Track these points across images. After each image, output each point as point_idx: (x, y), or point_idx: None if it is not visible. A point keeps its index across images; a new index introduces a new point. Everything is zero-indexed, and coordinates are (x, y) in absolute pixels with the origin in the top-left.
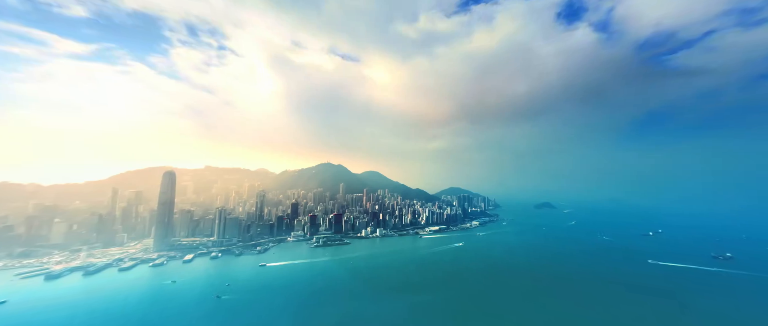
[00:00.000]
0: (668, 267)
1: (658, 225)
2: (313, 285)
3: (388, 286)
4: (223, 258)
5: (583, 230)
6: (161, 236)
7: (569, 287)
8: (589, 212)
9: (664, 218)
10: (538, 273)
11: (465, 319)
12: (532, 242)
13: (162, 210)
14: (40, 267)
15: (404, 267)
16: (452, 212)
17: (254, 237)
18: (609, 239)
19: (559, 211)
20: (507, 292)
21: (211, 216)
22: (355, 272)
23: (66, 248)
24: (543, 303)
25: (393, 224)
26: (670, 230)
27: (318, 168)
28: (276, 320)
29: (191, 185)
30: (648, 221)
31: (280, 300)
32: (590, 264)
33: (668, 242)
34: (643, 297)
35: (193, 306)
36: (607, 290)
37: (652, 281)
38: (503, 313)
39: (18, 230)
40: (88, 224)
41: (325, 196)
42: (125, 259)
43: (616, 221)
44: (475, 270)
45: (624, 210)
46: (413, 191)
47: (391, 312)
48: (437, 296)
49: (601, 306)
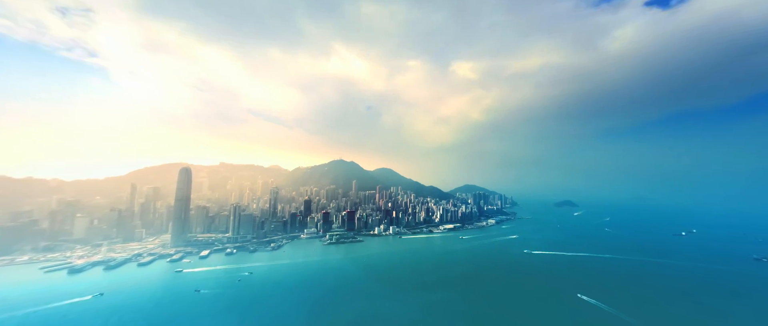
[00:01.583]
0: (706, 269)
1: (692, 225)
2: (327, 282)
3: (402, 285)
4: (238, 254)
5: (590, 223)
6: (178, 232)
7: (597, 290)
8: (610, 211)
9: (697, 217)
10: (560, 275)
11: (482, 320)
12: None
13: (179, 206)
14: (63, 261)
15: (419, 265)
16: (467, 210)
17: (268, 234)
18: (610, 231)
19: (581, 209)
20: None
21: (226, 213)
22: (369, 270)
23: (88, 242)
24: (570, 308)
25: (406, 222)
26: (705, 230)
27: (330, 165)
28: (291, 317)
29: (206, 181)
30: (679, 220)
31: (294, 296)
32: (615, 264)
33: (703, 242)
34: (678, 300)
35: (208, 303)
36: (644, 294)
37: (687, 283)
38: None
39: (42, 225)
40: (108, 219)
41: (338, 193)
42: (144, 254)
43: (644, 220)
44: (491, 269)
45: (652, 209)
46: (427, 188)
47: (407, 311)
48: (453, 295)
49: (636, 310)
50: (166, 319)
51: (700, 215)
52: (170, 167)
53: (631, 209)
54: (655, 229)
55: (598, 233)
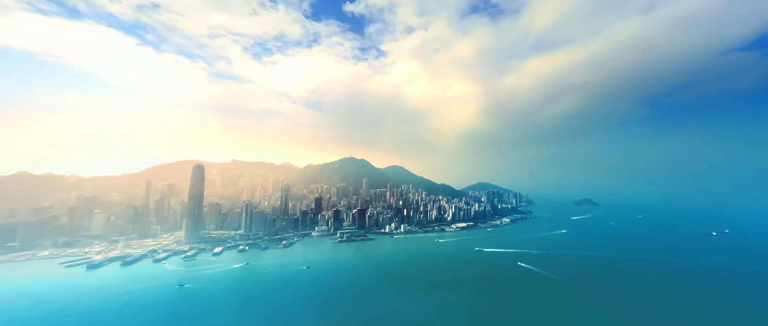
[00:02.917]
0: (740, 271)
1: (723, 225)
2: (339, 281)
3: (415, 284)
4: (250, 251)
5: (607, 224)
6: (192, 229)
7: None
8: (638, 210)
9: (729, 217)
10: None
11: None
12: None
13: (192, 203)
14: (82, 257)
15: (431, 264)
16: (480, 209)
17: (279, 231)
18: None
19: (601, 207)
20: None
21: (238, 210)
22: (380, 268)
23: (105, 238)
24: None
25: (418, 220)
26: (739, 231)
27: (341, 163)
28: (303, 315)
29: (219, 178)
30: (710, 219)
31: (307, 293)
32: (638, 266)
33: (736, 244)
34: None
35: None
36: (663, 297)
37: (719, 289)
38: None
39: (62, 221)
40: (124, 215)
41: (349, 191)
42: (159, 250)
43: (669, 219)
44: (505, 270)
45: (678, 208)
46: (438, 186)
47: (420, 311)
48: (466, 295)
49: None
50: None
51: (733, 215)
52: (184, 164)
53: (657, 208)
54: (682, 229)
55: (618, 233)
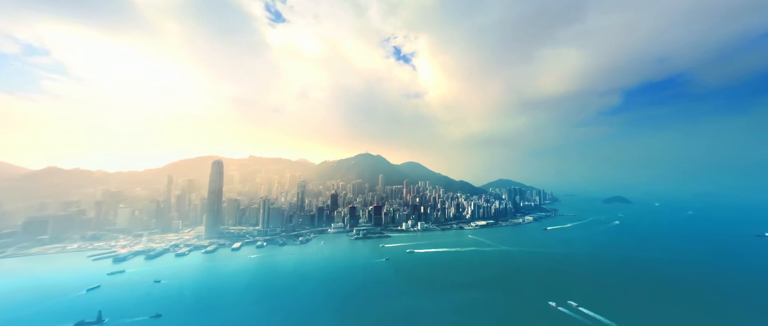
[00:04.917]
0: None
1: None
2: (355, 279)
3: (432, 284)
4: (268, 247)
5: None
6: (212, 224)
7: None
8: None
9: None
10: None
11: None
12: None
13: (212, 199)
14: (108, 250)
15: (450, 263)
16: (501, 206)
17: (296, 228)
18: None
19: (633, 205)
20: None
21: (256, 206)
22: (397, 267)
23: (129, 232)
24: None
25: (435, 217)
26: None
27: (356, 159)
28: (320, 314)
29: (237, 174)
30: (761, 219)
31: (323, 292)
32: (679, 270)
33: None
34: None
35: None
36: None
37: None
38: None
39: (89, 215)
40: (148, 210)
41: (365, 187)
42: (181, 245)
43: (716, 218)
44: (528, 270)
45: (723, 206)
46: (457, 183)
47: (437, 310)
48: (486, 295)
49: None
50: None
51: None
52: (203, 159)
53: (702, 206)
54: (724, 230)
55: (651, 233)
